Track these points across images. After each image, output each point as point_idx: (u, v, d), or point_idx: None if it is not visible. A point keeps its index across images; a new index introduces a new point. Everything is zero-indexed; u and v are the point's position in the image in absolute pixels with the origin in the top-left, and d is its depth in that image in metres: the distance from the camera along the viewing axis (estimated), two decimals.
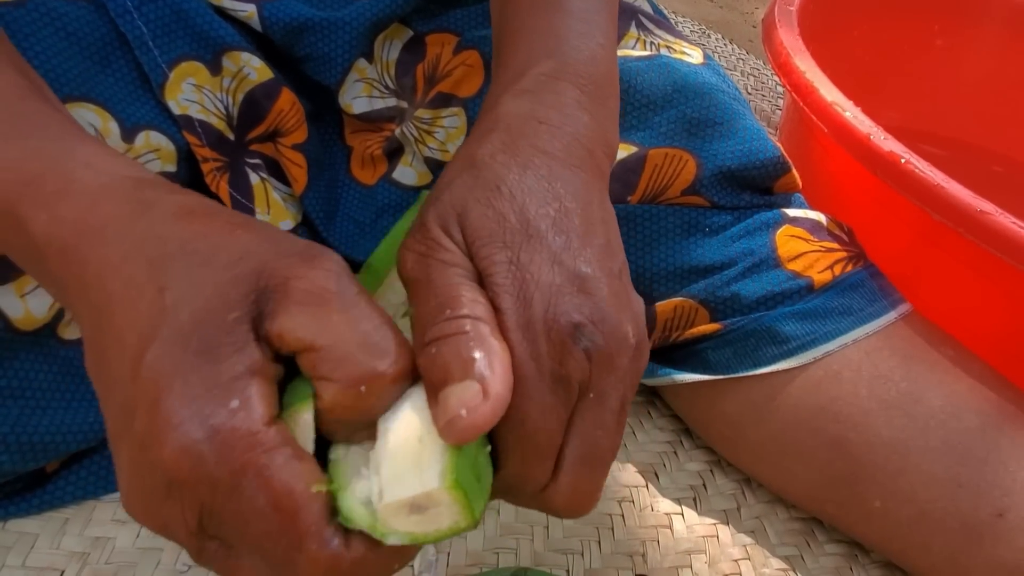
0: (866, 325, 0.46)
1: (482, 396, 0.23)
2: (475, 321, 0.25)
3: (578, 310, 0.26)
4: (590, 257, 0.27)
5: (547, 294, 0.26)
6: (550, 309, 0.26)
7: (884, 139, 0.50)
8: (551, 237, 0.27)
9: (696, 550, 0.47)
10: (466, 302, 0.25)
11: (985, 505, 0.41)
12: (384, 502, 0.23)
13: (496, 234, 0.27)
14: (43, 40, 0.41)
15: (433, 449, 0.23)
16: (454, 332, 0.25)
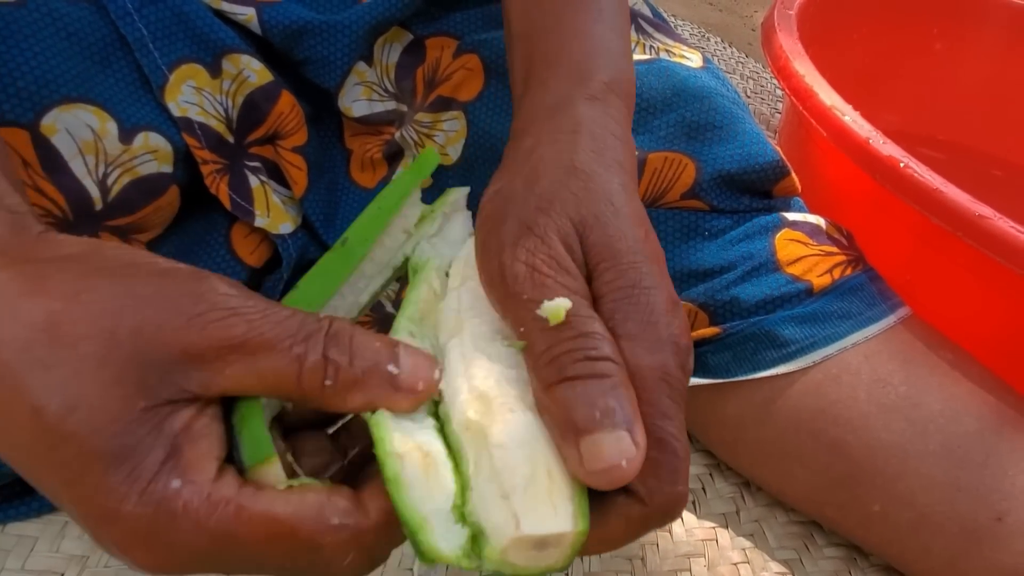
0: (865, 329, 0.46)
1: (635, 448, 0.23)
2: (615, 366, 0.24)
3: (684, 334, 0.27)
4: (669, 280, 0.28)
5: (665, 317, 0.26)
6: (670, 332, 0.26)
7: (883, 143, 0.50)
8: (652, 260, 0.28)
9: (695, 553, 0.47)
10: (602, 340, 0.24)
11: (984, 509, 0.41)
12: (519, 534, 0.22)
13: (619, 255, 0.27)
14: (43, 40, 0.41)
15: (561, 485, 0.23)
16: (594, 375, 0.24)
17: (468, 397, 0.25)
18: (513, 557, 0.23)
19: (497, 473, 0.23)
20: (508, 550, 0.22)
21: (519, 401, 0.25)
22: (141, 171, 0.43)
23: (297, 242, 0.50)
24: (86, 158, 0.41)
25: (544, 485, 0.23)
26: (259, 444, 0.24)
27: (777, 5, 0.69)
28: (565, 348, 0.24)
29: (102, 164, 0.42)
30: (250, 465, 0.24)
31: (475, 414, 0.24)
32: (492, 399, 0.24)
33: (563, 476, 0.23)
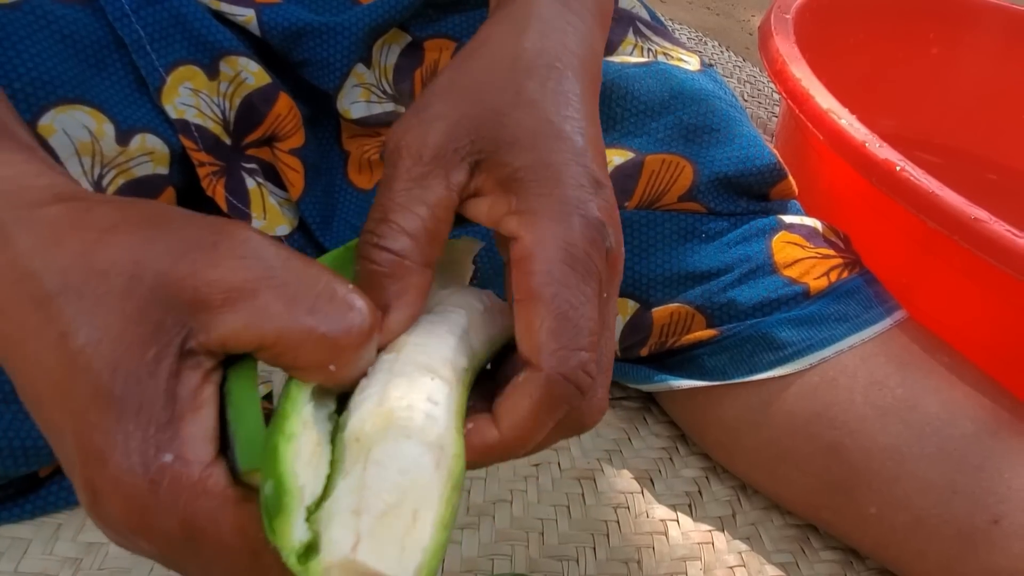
0: (862, 331, 0.46)
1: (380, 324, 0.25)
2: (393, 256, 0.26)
3: (601, 210, 0.27)
4: (601, 165, 0.29)
5: (576, 190, 0.27)
6: (579, 205, 0.26)
7: (879, 146, 0.50)
8: (576, 138, 0.28)
9: (691, 556, 0.47)
10: (395, 232, 0.26)
11: (980, 512, 0.41)
12: (352, 556, 0.20)
13: (523, 137, 0.27)
14: (38, 43, 0.41)
15: (423, 533, 0.21)
16: (374, 261, 0.26)
17: (373, 409, 0.23)
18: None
19: (362, 488, 0.21)
20: (333, 571, 0.20)
21: (423, 435, 0.23)
22: (137, 172, 0.43)
23: (294, 244, 0.50)
24: (82, 159, 0.41)
25: (404, 523, 0.21)
26: (254, 446, 0.23)
27: (774, 9, 0.69)
28: (368, 227, 0.27)
29: (98, 165, 0.42)
30: (245, 470, 0.23)
31: (371, 428, 0.22)
32: (395, 421, 0.23)
33: (430, 526, 0.21)
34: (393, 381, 0.24)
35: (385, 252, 0.26)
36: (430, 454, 0.22)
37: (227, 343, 0.22)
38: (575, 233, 0.26)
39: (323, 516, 0.21)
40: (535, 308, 0.25)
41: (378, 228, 0.26)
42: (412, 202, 0.27)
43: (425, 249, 0.27)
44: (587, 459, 0.51)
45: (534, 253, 0.26)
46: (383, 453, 0.22)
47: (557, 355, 0.25)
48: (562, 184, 0.27)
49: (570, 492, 0.49)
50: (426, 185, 0.27)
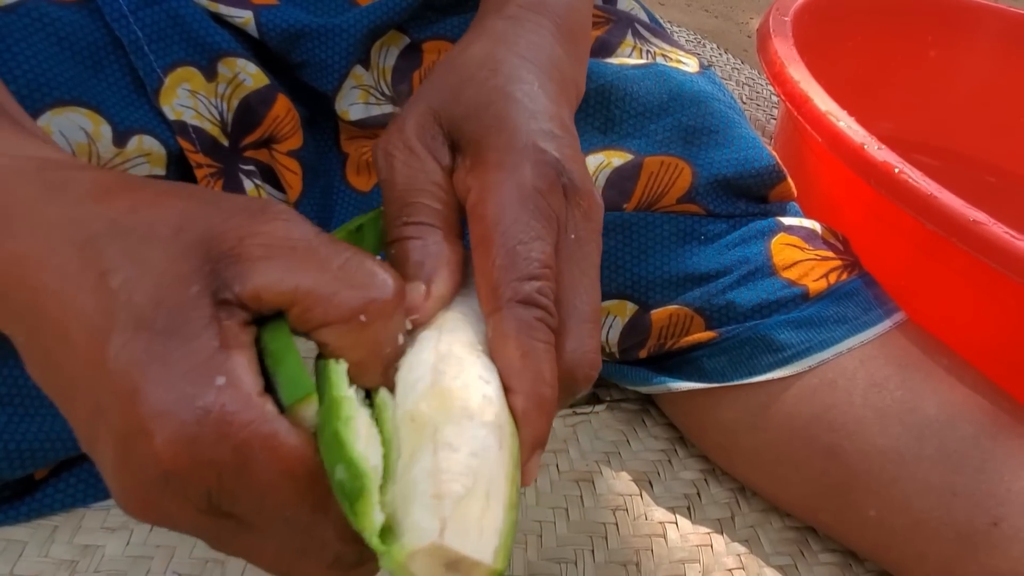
0: (861, 333, 0.46)
1: (425, 296, 0.26)
2: (428, 227, 0.27)
3: (556, 149, 0.28)
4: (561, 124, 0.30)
5: (526, 136, 0.28)
6: (529, 148, 0.28)
7: (878, 149, 0.50)
8: (526, 102, 0.30)
9: (690, 559, 0.47)
10: (421, 208, 0.28)
11: (980, 514, 0.41)
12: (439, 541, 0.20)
13: (477, 107, 0.29)
14: (34, 45, 0.40)
15: (495, 514, 0.22)
16: (409, 236, 0.27)
17: (428, 390, 0.23)
18: (418, 565, 0.21)
19: (437, 472, 0.21)
20: (418, 555, 0.21)
21: (483, 415, 0.23)
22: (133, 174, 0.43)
23: None
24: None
25: (480, 505, 0.21)
26: (298, 380, 0.22)
27: (772, 12, 0.69)
28: (393, 217, 0.28)
29: None
30: (289, 403, 0.22)
31: (428, 408, 0.23)
32: (455, 401, 0.23)
33: (501, 507, 0.22)
34: (445, 360, 0.24)
35: (419, 226, 0.27)
36: (494, 434, 0.23)
37: (262, 294, 0.22)
38: (522, 174, 0.27)
39: (398, 500, 0.21)
40: (486, 250, 0.26)
41: (404, 210, 0.28)
42: (425, 183, 0.28)
43: (452, 222, 0.28)
44: (585, 461, 0.51)
45: (483, 198, 0.27)
46: (452, 435, 0.22)
47: (511, 287, 0.25)
48: (509, 134, 0.28)
49: (568, 494, 0.49)
50: (426, 169, 0.29)
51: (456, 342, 0.25)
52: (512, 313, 0.25)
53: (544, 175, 0.27)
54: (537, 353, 0.25)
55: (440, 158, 0.29)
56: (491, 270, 0.26)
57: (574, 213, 0.28)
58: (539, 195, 0.27)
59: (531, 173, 0.27)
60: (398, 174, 0.29)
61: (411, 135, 0.30)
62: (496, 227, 0.26)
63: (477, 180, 0.28)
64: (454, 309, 0.27)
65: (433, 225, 0.28)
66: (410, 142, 0.29)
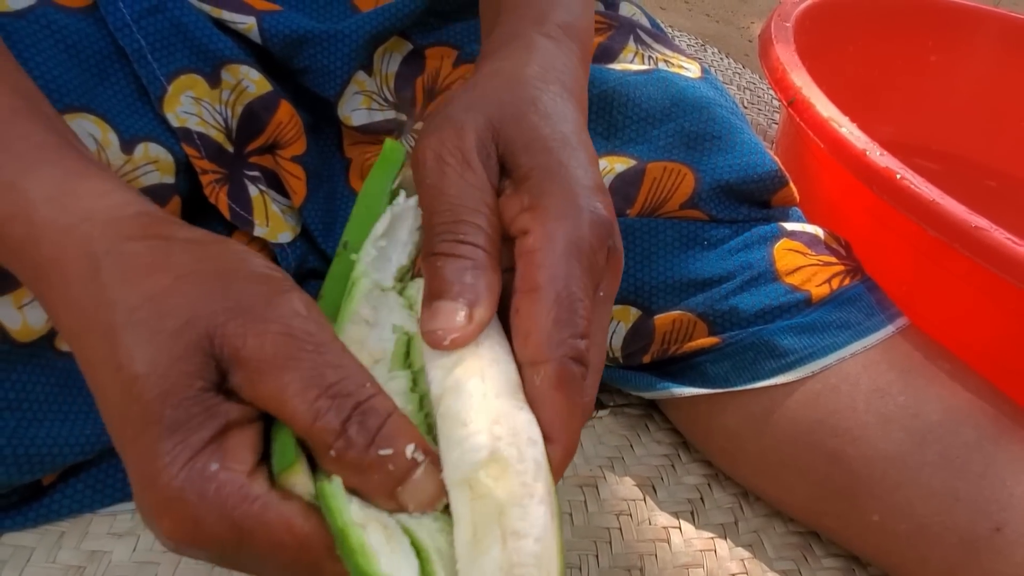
0: (864, 339, 0.46)
1: (466, 319, 0.26)
2: (481, 251, 0.27)
3: (606, 209, 0.28)
4: (599, 175, 0.30)
5: (585, 191, 0.28)
6: (588, 204, 0.28)
7: (880, 154, 0.50)
8: (582, 152, 0.30)
9: (694, 564, 0.47)
10: (475, 230, 0.27)
11: (983, 519, 0.41)
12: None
13: (537, 140, 0.29)
14: (43, 52, 0.41)
15: None
16: (460, 255, 0.27)
17: (487, 459, 0.23)
18: None
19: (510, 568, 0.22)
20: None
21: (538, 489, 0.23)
22: (144, 181, 0.43)
23: (296, 251, 0.50)
24: None
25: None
26: (285, 450, 0.24)
27: (774, 17, 0.69)
28: (442, 229, 0.27)
29: None
30: (278, 472, 0.24)
31: (489, 480, 0.23)
32: (514, 476, 0.23)
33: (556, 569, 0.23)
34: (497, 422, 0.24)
35: (470, 247, 0.27)
36: (548, 508, 0.24)
37: (256, 403, 0.25)
38: (583, 229, 0.27)
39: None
40: (541, 298, 0.26)
41: (455, 227, 0.27)
42: (479, 203, 0.28)
43: (497, 248, 0.28)
44: (589, 466, 0.51)
45: (543, 246, 0.27)
46: (518, 519, 0.23)
47: (568, 343, 0.26)
48: (572, 184, 0.28)
49: (572, 499, 0.49)
50: (482, 188, 0.28)
51: (501, 393, 0.25)
52: (566, 368, 0.26)
53: (599, 236, 0.28)
54: (580, 410, 0.26)
55: (492, 179, 0.29)
56: (546, 320, 0.26)
57: (608, 272, 0.29)
58: (594, 253, 0.27)
59: (590, 232, 0.27)
60: (451, 184, 0.28)
61: (471, 147, 0.29)
62: (556, 279, 0.26)
63: (537, 224, 0.27)
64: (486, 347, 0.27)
65: (483, 248, 0.27)
66: (469, 155, 0.28)
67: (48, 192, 0.28)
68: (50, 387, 0.40)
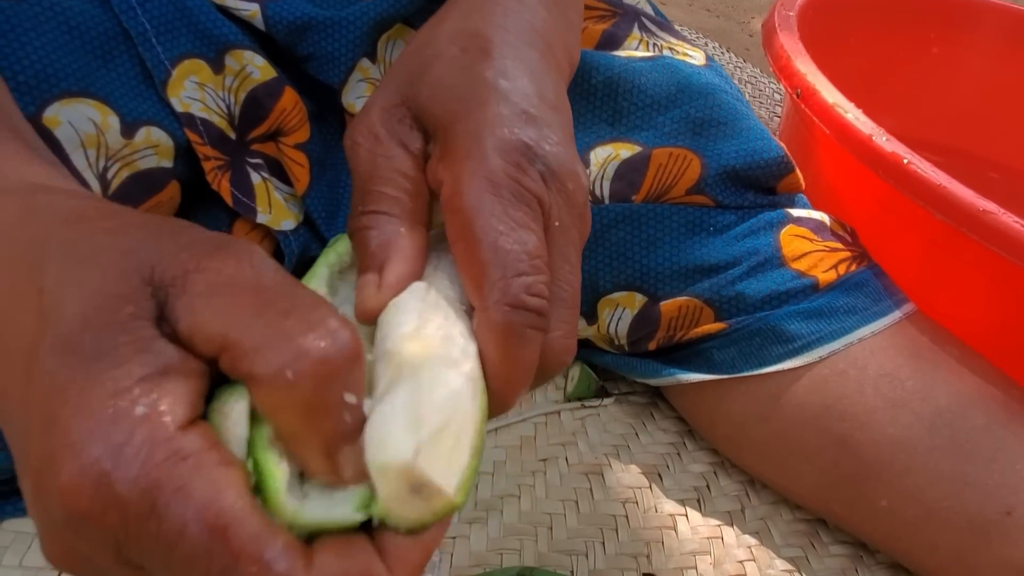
0: (872, 324, 0.46)
1: (375, 287, 0.25)
2: (386, 216, 0.26)
3: (528, 136, 0.27)
4: (542, 100, 0.28)
5: (496, 122, 0.27)
6: (496, 133, 0.26)
7: (886, 140, 0.50)
8: (499, 81, 0.28)
9: (701, 551, 0.47)
10: (380, 198, 0.27)
11: (993, 503, 0.41)
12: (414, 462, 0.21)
13: (441, 90, 0.28)
14: (44, 34, 0.40)
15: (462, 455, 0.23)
16: (364, 226, 0.26)
17: (412, 333, 0.24)
18: (385, 482, 0.21)
19: (416, 406, 0.22)
20: (389, 473, 0.21)
21: (460, 367, 0.24)
22: (141, 165, 0.43)
23: (299, 239, 0.49)
24: (87, 151, 0.41)
25: (450, 443, 0.22)
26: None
27: (777, 8, 0.69)
28: (354, 202, 0.27)
29: (103, 158, 0.42)
30: None
31: (410, 350, 0.23)
32: (435, 348, 0.23)
33: (467, 451, 0.23)
34: (431, 310, 0.25)
35: (375, 215, 0.27)
36: (469, 385, 0.24)
37: (193, 336, 0.20)
38: (493, 160, 0.26)
39: (372, 427, 0.22)
40: (467, 247, 0.25)
41: (360, 199, 0.27)
42: (386, 171, 0.27)
43: (409, 208, 0.27)
44: (594, 454, 0.51)
45: (455, 191, 0.26)
46: (431, 378, 0.23)
47: (498, 286, 0.24)
48: (479, 120, 0.27)
49: (578, 487, 0.49)
50: (389, 155, 0.28)
51: (443, 298, 0.26)
52: (497, 316, 0.24)
53: (515, 162, 0.26)
54: (520, 360, 0.24)
55: (409, 143, 0.28)
56: (473, 266, 0.24)
57: (556, 199, 0.27)
58: (514, 183, 0.26)
59: (501, 160, 0.26)
60: (362, 162, 0.28)
61: (376, 121, 0.28)
62: (474, 220, 0.25)
63: (448, 171, 0.26)
64: (439, 269, 0.27)
65: (389, 214, 0.27)
66: (374, 128, 0.28)
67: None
68: None
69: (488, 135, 0.26)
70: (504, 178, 0.25)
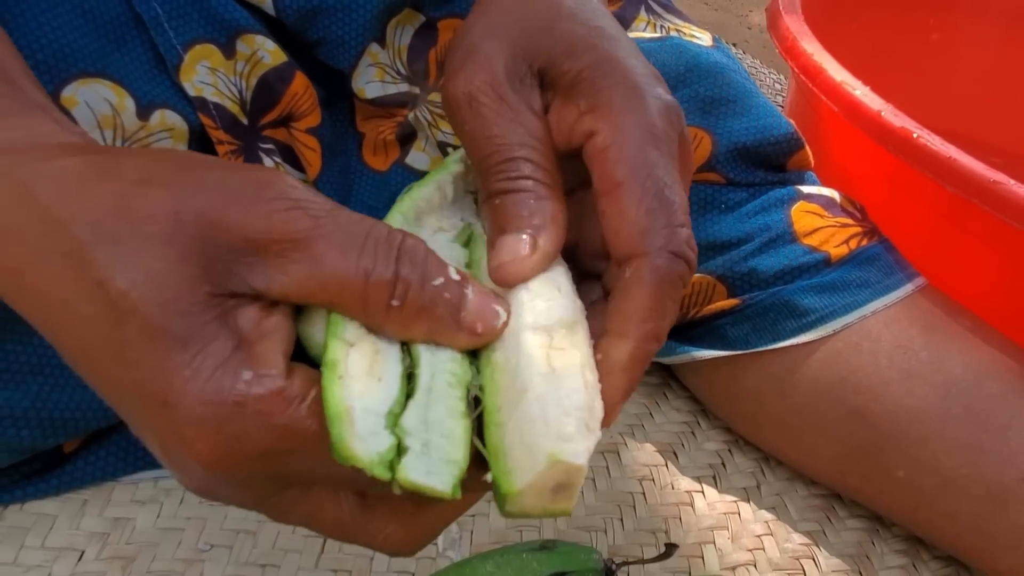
0: (884, 297, 0.46)
1: (530, 248, 0.25)
2: (538, 182, 0.26)
3: (672, 98, 0.27)
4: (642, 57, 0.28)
5: (644, 79, 0.26)
6: (651, 91, 0.26)
7: (895, 115, 0.50)
8: (623, 39, 0.28)
9: (719, 526, 0.47)
10: (527, 164, 0.26)
11: (1010, 470, 0.41)
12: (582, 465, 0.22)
13: (577, 42, 0.27)
14: (59, 16, 0.40)
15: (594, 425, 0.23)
16: (517, 189, 0.26)
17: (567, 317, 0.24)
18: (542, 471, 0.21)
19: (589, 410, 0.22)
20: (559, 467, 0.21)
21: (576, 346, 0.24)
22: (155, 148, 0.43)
23: None
24: (104, 132, 0.41)
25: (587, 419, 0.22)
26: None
27: None
28: (494, 171, 0.26)
29: (119, 139, 0.42)
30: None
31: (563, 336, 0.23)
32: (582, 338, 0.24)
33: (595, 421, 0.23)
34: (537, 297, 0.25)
35: (521, 179, 0.26)
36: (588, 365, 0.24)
37: (290, 295, 0.22)
38: (653, 115, 0.26)
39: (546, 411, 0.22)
40: (628, 194, 0.24)
41: (509, 166, 0.26)
42: (524, 137, 0.26)
43: (557, 178, 0.27)
44: (609, 433, 0.51)
45: (616, 140, 0.25)
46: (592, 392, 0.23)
47: (663, 233, 0.24)
48: (629, 74, 0.26)
49: (595, 465, 0.49)
50: (523, 122, 0.27)
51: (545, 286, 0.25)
52: (660, 261, 0.24)
53: (670, 121, 0.26)
54: (666, 309, 0.24)
55: (533, 104, 0.27)
56: (638, 213, 0.24)
57: (684, 161, 0.27)
58: (669, 139, 0.26)
59: (661, 119, 0.26)
60: (492, 126, 0.26)
61: (501, 79, 0.27)
62: (640, 168, 0.24)
63: (604, 122, 0.26)
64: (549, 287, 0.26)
65: (539, 180, 0.26)
66: (500, 88, 0.27)
67: None
68: None
69: (647, 89, 0.26)
70: (663, 133, 0.26)
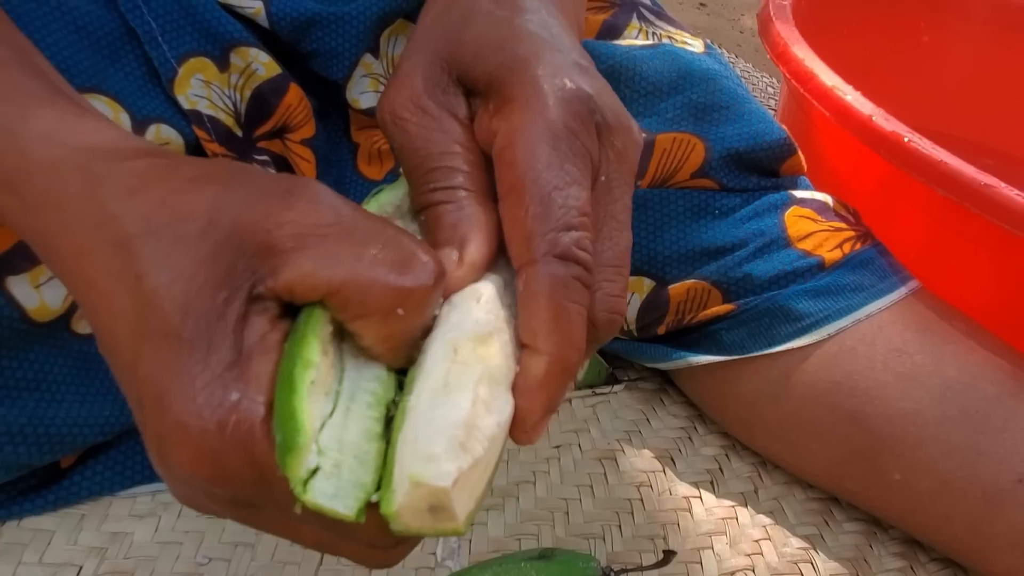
0: (879, 300, 0.46)
1: (457, 263, 0.25)
2: (459, 191, 0.26)
3: (588, 85, 0.26)
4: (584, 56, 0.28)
5: (551, 71, 0.26)
6: (555, 83, 0.26)
7: (886, 119, 0.51)
8: (544, 34, 0.27)
9: (717, 531, 0.47)
10: (447, 172, 0.26)
11: (1005, 471, 0.42)
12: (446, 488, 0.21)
13: (484, 45, 0.27)
14: (53, 33, 0.41)
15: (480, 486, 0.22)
16: (437, 201, 0.26)
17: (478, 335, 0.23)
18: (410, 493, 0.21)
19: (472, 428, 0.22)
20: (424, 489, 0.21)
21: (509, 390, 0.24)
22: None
23: None
24: None
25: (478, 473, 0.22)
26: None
27: None
28: (417, 184, 0.27)
29: None
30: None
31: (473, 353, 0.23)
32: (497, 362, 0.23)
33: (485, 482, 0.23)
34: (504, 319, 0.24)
35: (448, 190, 0.26)
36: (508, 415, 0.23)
37: (295, 288, 0.22)
38: (553, 110, 0.25)
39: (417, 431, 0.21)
40: (518, 198, 0.24)
41: (429, 176, 0.26)
42: (446, 145, 0.26)
43: (482, 182, 0.26)
44: (607, 440, 0.51)
45: (510, 141, 0.25)
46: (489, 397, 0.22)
47: (547, 239, 0.24)
48: (532, 69, 0.26)
49: (592, 472, 0.49)
50: (444, 129, 0.27)
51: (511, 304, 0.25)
52: (547, 269, 0.24)
53: (576, 113, 0.25)
54: (569, 316, 0.24)
55: (457, 112, 0.27)
56: (524, 219, 0.24)
57: (607, 153, 0.26)
58: (572, 135, 0.25)
59: (562, 111, 0.25)
60: (415, 139, 0.27)
61: (421, 92, 0.27)
62: (528, 172, 0.24)
63: (503, 122, 0.25)
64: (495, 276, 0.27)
65: (465, 188, 0.26)
66: (420, 100, 0.27)
67: (41, 131, 0.25)
68: (68, 368, 0.40)
69: (548, 84, 0.25)
70: (563, 130, 0.25)
